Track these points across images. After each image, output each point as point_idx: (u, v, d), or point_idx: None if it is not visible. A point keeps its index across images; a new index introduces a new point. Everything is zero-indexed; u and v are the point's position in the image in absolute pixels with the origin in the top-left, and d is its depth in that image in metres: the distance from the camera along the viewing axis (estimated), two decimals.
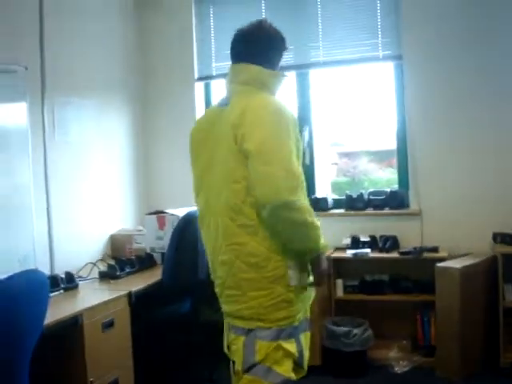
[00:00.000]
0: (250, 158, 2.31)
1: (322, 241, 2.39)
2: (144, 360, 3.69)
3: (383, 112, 5.02)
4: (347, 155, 5.92)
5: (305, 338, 2.52)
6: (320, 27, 4.84)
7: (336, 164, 5.91)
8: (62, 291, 3.46)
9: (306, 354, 2.54)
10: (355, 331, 4.17)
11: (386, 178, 5.43)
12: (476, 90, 4.48)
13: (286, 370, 2.39)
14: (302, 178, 2.36)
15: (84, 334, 3.05)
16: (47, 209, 4.10)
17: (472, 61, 4.47)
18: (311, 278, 2.47)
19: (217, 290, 2.60)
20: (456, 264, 4.10)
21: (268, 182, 2.27)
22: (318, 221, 2.37)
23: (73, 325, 3.01)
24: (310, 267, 2.45)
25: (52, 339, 2.90)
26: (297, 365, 2.48)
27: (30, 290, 2.41)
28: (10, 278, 2.36)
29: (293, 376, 2.43)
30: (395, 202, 4.71)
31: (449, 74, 4.55)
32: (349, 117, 5.31)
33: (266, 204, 2.27)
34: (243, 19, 4.78)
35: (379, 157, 5.61)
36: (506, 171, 4.43)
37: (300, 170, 2.36)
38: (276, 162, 2.29)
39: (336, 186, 5.51)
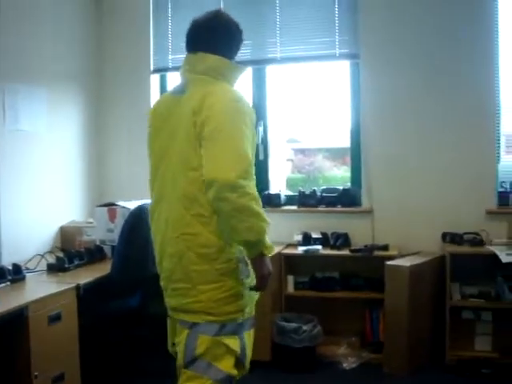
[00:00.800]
0: (204, 140, 2.29)
1: (267, 240, 2.34)
2: (91, 354, 3.63)
3: (339, 110, 5.05)
4: (303, 152, 5.94)
5: (248, 337, 2.48)
6: (278, 23, 4.83)
7: (291, 160, 5.93)
8: (8, 283, 3.37)
9: (249, 352, 2.50)
10: (305, 327, 4.18)
11: (340, 175, 5.46)
12: (430, 92, 4.56)
13: (226, 366, 2.37)
14: (253, 168, 2.34)
15: (29, 327, 2.97)
16: None
17: (427, 62, 4.54)
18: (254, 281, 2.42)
19: (162, 283, 2.58)
20: (405, 262, 4.16)
21: (218, 160, 2.25)
22: (266, 216, 2.32)
23: (18, 317, 2.94)
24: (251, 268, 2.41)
25: None
26: (239, 362, 2.44)
27: None
28: None
29: (234, 372, 2.41)
30: (347, 199, 4.74)
31: (404, 75, 4.60)
32: (305, 114, 5.31)
33: (214, 182, 2.22)
34: (201, 11, 4.76)
35: (334, 154, 5.64)
36: (457, 172, 4.51)
37: (252, 159, 2.34)
38: (229, 145, 2.27)
39: (291, 183, 5.53)
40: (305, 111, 5.30)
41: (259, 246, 2.33)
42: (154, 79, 5.26)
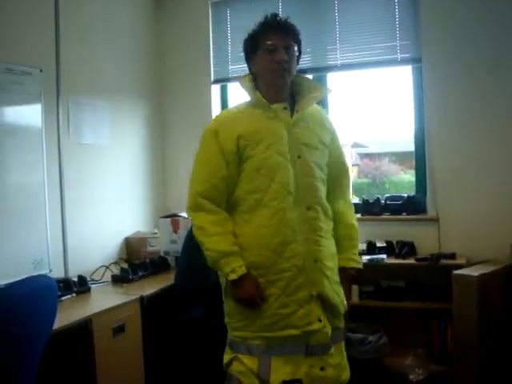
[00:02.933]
0: None
1: (226, 266, 2.41)
2: (155, 366, 3.67)
3: (404, 114, 4.96)
4: (368, 156, 5.91)
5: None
6: (337, 30, 4.79)
7: (357, 165, 5.89)
8: (74, 295, 3.47)
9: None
10: (370, 338, 4.13)
11: (407, 179, 5.36)
12: (500, 94, 4.39)
13: None
14: (196, 191, 2.50)
15: (94, 338, 3.04)
16: (61, 211, 4.10)
17: (496, 62, 4.38)
18: None
19: None
20: (473, 271, 4.03)
21: None
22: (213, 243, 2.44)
23: (82, 330, 3.00)
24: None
25: (63, 344, 2.90)
26: None
27: (32, 297, 2.39)
28: (10, 286, 2.36)
29: None
30: (412, 207, 4.65)
31: (470, 78, 4.46)
32: (369, 118, 5.27)
33: None
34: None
35: (401, 158, 5.57)
36: None
37: (197, 184, 2.52)
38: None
39: (357, 187, 5.47)
40: (369, 116, 5.25)
41: (219, 271, 2.49)
42: (215, 89, 5.30)
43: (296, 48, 2.54)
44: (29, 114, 3.82)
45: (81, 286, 3.55)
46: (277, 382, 2.39)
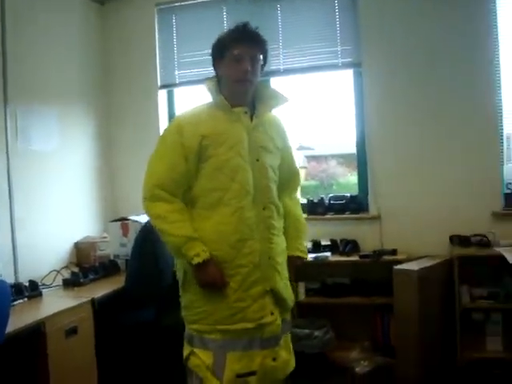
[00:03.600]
0: None
1: (189, 250, 2.48)
2: (108, 367, 3.72)
3: (347, 117, 5.08)
4: (316, 159, 5.98)
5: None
6: (280, 36, 4.93)
7: (305, 167, 5.98)
8: (25, 299, 3.49)
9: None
10: (316, 333, 4.25)
11: (354, 181, 5.41)
12: (432, 98, 4.61)
13: None
14: (151, 183, 2.58)
15: (47, 341, 3.09)
16: (10, 217, 4.12)
17: (428, 69, 4.60)
18: None
19: None
20: (413, 266, 4.19)
21: None
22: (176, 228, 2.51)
23: (35, 332, 3.05)
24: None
25: (16, 348, 2.94)
26: None
27: None
28: None
29: None
30: (355, 206, 4.82)
31: (405, 82, 4.66)
32: (314, 121, 5.36)
33: None
34: (205, 28, 4.90)
35: (348, 160, 5.64)
36: (462, 175, 4.55)
37: (152, 176, 2.60)
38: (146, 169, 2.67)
39: (305, 190, 5.53)
40: (314, 119, 5.34)
41: (182, 257, 2.54)
42: (162, 94, 5.37)
43: (261, 57, 2.67)
44: None
45: (32, 291, 3.57)
46: (231, 377, 2.50)
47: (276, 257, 2.65)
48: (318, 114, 5.29)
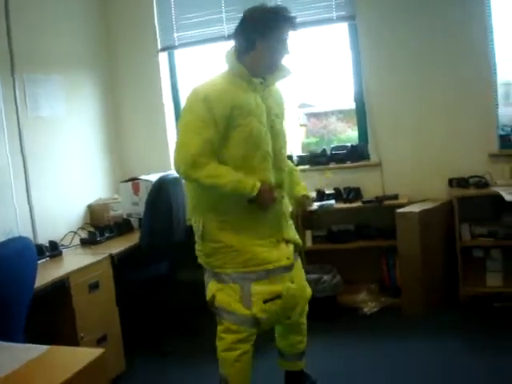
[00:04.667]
0: None
1: (240, 186, 2.74)
2: (129, 317, 3.93)
3: (345, 72, 5.15)
4: (316, 116, 6.06)
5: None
6: None
7: (305, 125, 6.08)
8: (47, 259, 3.65)
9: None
10: (325, 278, 4.42)
11: (354, 136, 5.51)
12: (428, 49, 4.71)
13: None
14: (193, 153, 2.71)
15: (72, 295, 3.29)
16: (26, 183, 4.27)
17: (425, 21, 4.68)
18: None
19: None
20: (415, 209, 4.38)
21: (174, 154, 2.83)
22: (229, 176, 2.73)
23: (61, 287, 3.24)
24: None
25: (43, 303, 3.12)
26: None
27: (15, 258, 2.58)
28: (3, 243, 2.56)
29: None
30: (356, 155, 4.97)
31: (400, 32, 4.76)
32: (313, 78, 5.43)
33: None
34: None
35: (348, 116, 5.74)
36: (459, 120, 4.69)
37: (193, 147, 2.71)
38: (177, 140, 2.85)
39: (306, 147, 5.65)
40: (312, 76, 5.41)
41: (242, 195, 2.76)
42: (163, 57, 5.47)
43: None
44: None
45: (52, 251, 3.74)
46: (259, 303, 2.80)
47: (286, 211, 2.99)
48: (316, 70, 5.37)
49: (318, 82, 5.50)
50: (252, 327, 2.83)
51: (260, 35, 2.77)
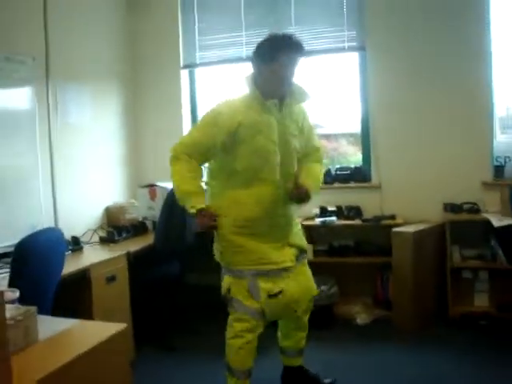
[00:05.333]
0: None
1: (187, 202, 3.19)
2: (139, 311, 4.24)
3: (355, 97, 5.48)
4: (327, 137, 6.19)
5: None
6: (293, 20, 5.37)
7: None
8: (69, 252, 3.99)
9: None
10: (322, 287, 4.69)
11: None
12: (430, 79, 5.07)
13: None
14: (181, 144, 3.26)
15: (92, 284, 3.64)
16: (52, 183, 4.62)
17: (427, 52, 5.05)
18: None
19: None
20: (410, 229, 4.69)
21: None
22: (185, 183, 3.20)
23: (82, 278, 3.59)
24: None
25: (65, 290, 3.44)
26: None
27: (52, 243, 2.96)
28: (31, 235, 2.88)
29: None
30: (359, 176, 5.32)
31: (407, 67, 5.13)
32: (326, 101, 5.65)
33: None
34: (225, 11, 5.36)
35: (357, 139, 5.90)
36: (457, 150, 5.02)
37: (184, 139, 3.32)
38: None
39: None
40: (325, 99, 5.63)
41: (184, 205, 3.25)
42: (184, 74, 5.84)
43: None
44: (24, 98, 4.34)
45: (75, 245, 4.10)
46: (264, 296, 3.18)
47: (292, 218, 3.40)
48: (329, 94, 5.64)
49: (331, 106, 5.76)
50: (259, 319, 3.20)
51: (262, 61, 3.17)
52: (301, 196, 3.28)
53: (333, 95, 5.66)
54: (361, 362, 4.08)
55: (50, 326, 2.18)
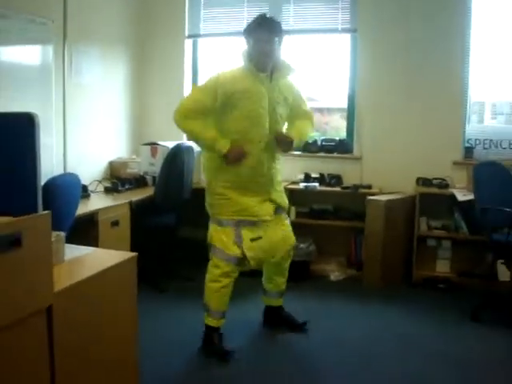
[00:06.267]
0: None
1: (216, 147, 3.62)
2: (138, 253, 4.69)
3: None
4: (320, 111, 6.56)
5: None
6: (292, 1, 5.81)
7: None
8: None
9: None
10: (302, 245, 5.18)
11: None
12: (414, 66, 5.51)
13: None
14: (185, 106, 3.66)
15: (99, 227, 4.12)
16: (64, 137, 5.09)
17: (414, 42, 5.48)
18: None
19: None
20: (383, 198, 5.16)
21: None
22: (205, 133, 3.63)
23: (90, 221, 4.07)
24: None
25: (74, 231, 3.90)
26: None
27: (70, 185, 3.44)
28: (55, 178, 3.34)
29: None
30: (342, 148, 5.78)
31: (394, 49, 5.56)
32: (320, 77, 6.09)
33: None
34: None
35: None
36: (432, 130, 5.50)
37: (187, 101, 3.71)
38: None
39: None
40: (319, 75, 6.07)
41: (214, 151, 3.68)
42: (188, 43, 6.26)
43: (277, 39, 3.66)
44: (44, 57, 4.79)
45: (83, 192, 4.53)
46: (247, 241, 3.67)
47: (274, 177, 3.85)
48: (323, 71, 6.05)
49: (325, 81, 6.17)
50: (236, 265, 3.67)
51: (245, 38, 3.70)
52: (283, 141, 3.74)
53: (327, 72, 6.07)
54: (333, 311, 4.58)
55: (72, 251, 2.64)
